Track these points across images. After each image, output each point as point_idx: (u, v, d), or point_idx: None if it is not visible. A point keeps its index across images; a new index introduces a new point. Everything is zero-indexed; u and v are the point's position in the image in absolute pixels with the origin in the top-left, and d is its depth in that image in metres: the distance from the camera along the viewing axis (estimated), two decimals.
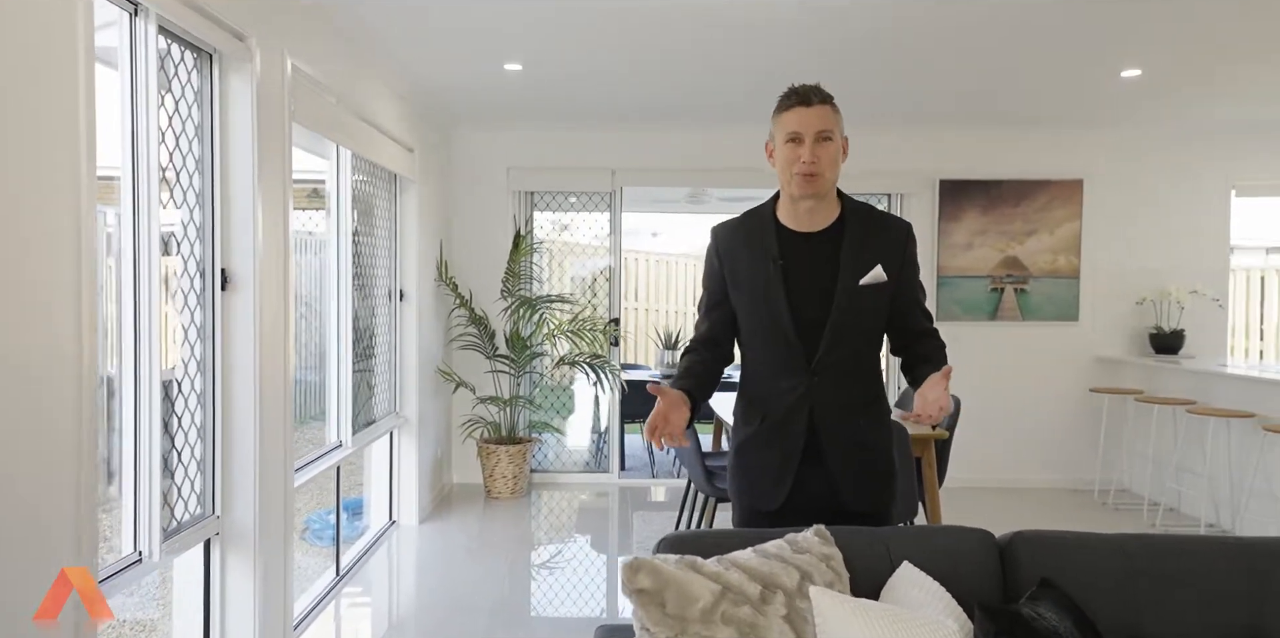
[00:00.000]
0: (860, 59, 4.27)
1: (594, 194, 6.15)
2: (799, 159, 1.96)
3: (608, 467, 6.27)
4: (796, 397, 2.01)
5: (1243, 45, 3.97)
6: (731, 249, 2.11)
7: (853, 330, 2.01)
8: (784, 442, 2.03)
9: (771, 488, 2.03)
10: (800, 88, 2.02)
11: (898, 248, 2.04)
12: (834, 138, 1.98)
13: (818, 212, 2.03)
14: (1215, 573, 1.76)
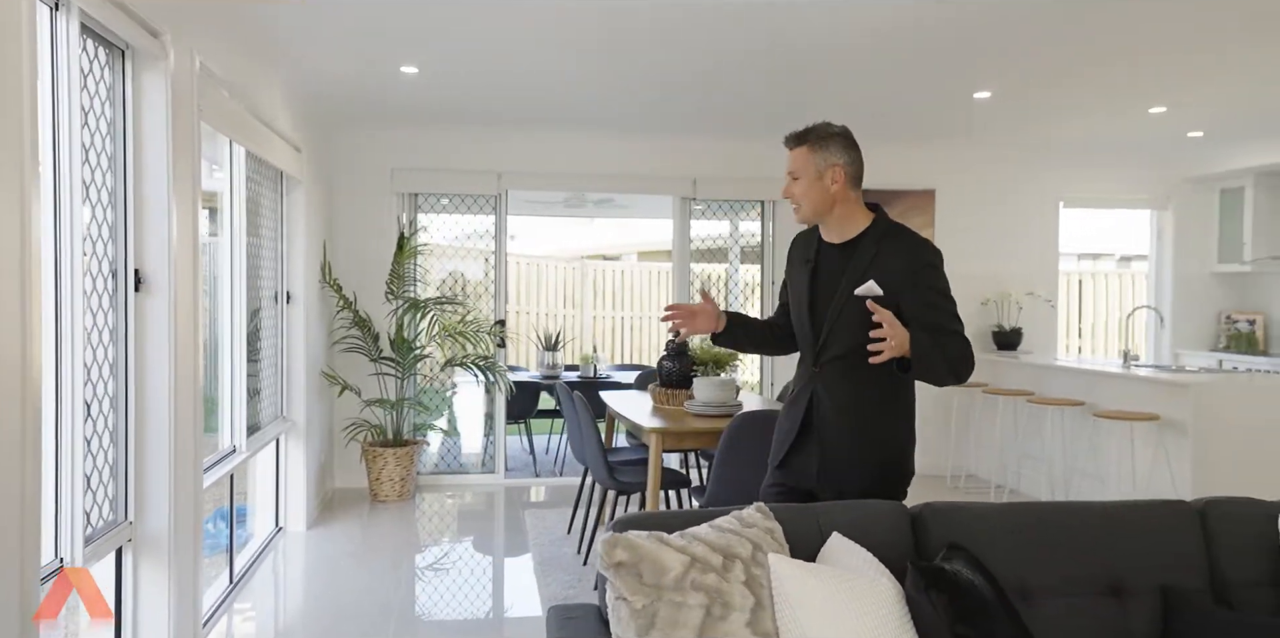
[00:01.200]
0: (738, 74, 4.55)
1: (479, 197, 6.19)
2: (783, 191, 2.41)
3: (493, 467, 6.32)
4: (805, 382, 2.40)
5: (1076, 73, 4.49)
6: (792, 254, 2.52)
7: (847, 332, 2.27)
8: (790, 417, 2.42)
9: (778, 446, 2.45)
10: (788, 136, 2.43)
11: (904, 267, 2.24)
12: (801, 177, 2.35)
13: (845, 228, 2.35)
14: (1083, 533, 2.07)
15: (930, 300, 2.25)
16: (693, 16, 3.59)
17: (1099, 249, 11.23)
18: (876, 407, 2.32)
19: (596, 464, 4.00)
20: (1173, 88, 4.76)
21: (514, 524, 5.23)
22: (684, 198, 6.36)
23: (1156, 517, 2.11)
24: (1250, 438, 4.53)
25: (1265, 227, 6.49)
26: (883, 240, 2.30)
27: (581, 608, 2.05)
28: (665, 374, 4.42)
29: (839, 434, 2.32)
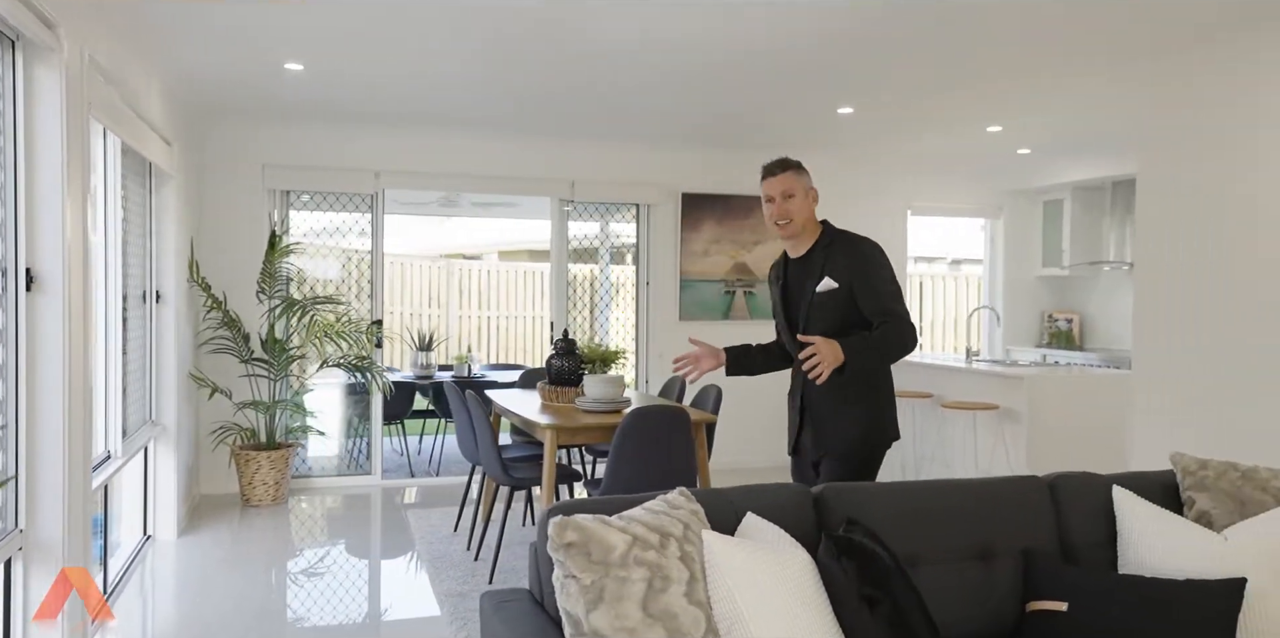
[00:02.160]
0: (616, 81, 4.73)
1: (355, 195, 6.11)
2: (772, 213, 2.82)
3: (369, 469, 6.25)
4: (797, 375, 2.88)
5: (928, 94, 4.92)
6: (771, 279, 3.02)
7: (818, 328, 2.73)
8: (792, 407, 2.94)
9: (790, 436, 2.95)
10: (769, 164, 2.87)
11: (848, 263, 2.74)
12: (795, 194, 2.80)
13: (799, 245, 2.86)
14: (957, 507, 2.35)
15: (874, 287, 2.70)
16: (572, 23, 3.72)
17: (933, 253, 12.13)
18: (851, 388, 2.73)
19: (491, 461, 4.08)
20: (1008, 109, 5.29)
21: (397, 525, 5.21)
22: (562, 200, 6.49)
23: (1016, 491, 2.43)
24: (1073, 422, 5.10)
25: (1081, 235, 7.25)
26: (830, 246, 2.79)
27: (513, 593, 2.17)
28: (555, 372, 4.54)
29: (825, 414, 2.80)
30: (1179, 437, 3.96)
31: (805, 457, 2.92)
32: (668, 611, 1.75)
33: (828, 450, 2.83)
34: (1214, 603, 2.04)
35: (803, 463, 2.95)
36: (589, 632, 1.72)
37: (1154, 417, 4.13)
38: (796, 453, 2.95)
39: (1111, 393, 5.15)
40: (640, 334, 6.76)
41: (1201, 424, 3.87)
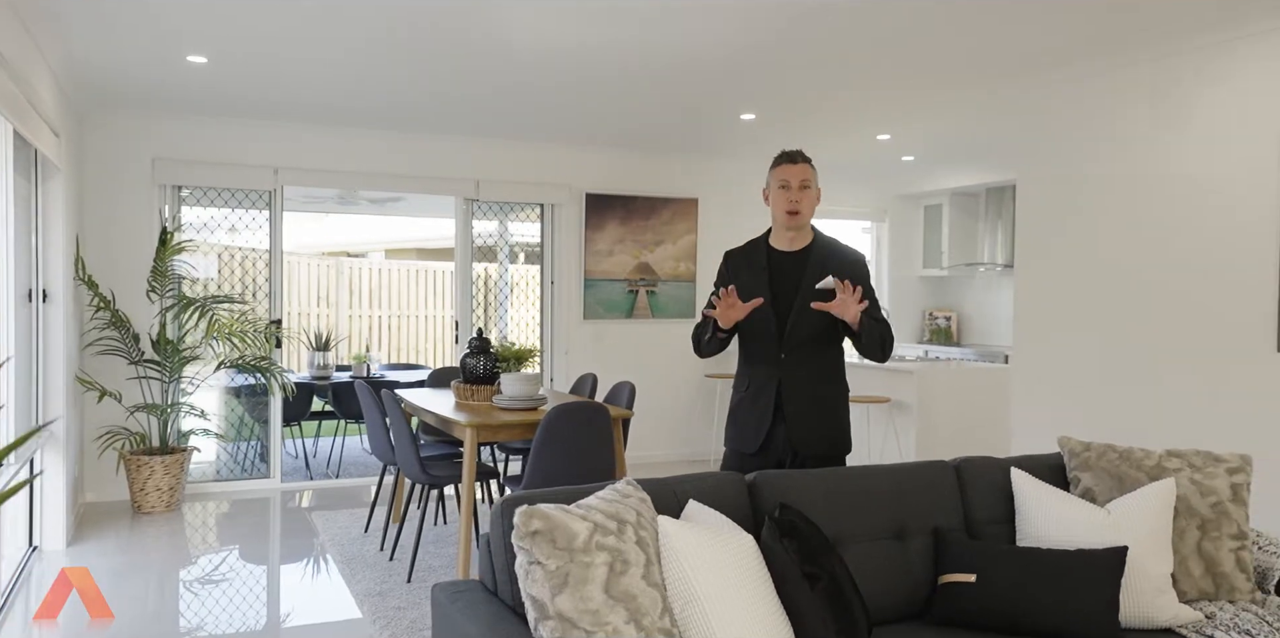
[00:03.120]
0: (525, 83, 4.80)
1: (252, 191, 5.94)
2: (788, 200, 2.79)
3: (268, 472, 6.09)
4: (770, 372, 2.81)
5: (824, 102, 5.18)
6: (737, 265, 2.92)
7: (808, 325, 2.77)
8: (760, 404, 2.83)
9: (753, 436, 2.85)
10: (789, 151, 2.85)
11: (850, 271, 2.82)
12: (811, 187, 2.82)
13: (798, 238, 2.86)
14: (876, 490, 2.55)
15: (869, 295, 2.81)
16: (479, 24, 3.76)
17: None
18: (830, 387, 2.84)
19: (409, 460, 4.08)
20: (896, 119, 5.62)
21: (303, 528, 5.11)
22: (467, 199, 6.49)
23: (926, 474, 2.64)
24: (958, 412, 5.47)
25: (958, 238, 7.73)
26: (830, 249, 2.87)
27: (465, 584, 2.22)
28: (469, 371, 4.56)
29: (807, 412, 2.81)
30: (1056, 423, 4.33)
31: (772, 455, 2.85)
32: (628, 592, 1.85)
33: (811, 449, 2.82)
34: (1101, 569, 2.29)
35: (767, 462, 2.86)
36: (554, 615, 1.81)
37: (1032, 405, 4.48)
38: (761, 451, 2.85)
39: (992, 385, 5.55)
40: (545, 333, 6.82)
41: (1076, 411, 4.24)
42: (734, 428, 2.92)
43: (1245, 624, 2.28)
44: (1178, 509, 2.50)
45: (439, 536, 4.86)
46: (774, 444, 2.85)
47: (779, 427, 2.83)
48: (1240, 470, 2.57)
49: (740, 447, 2.89)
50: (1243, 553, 2.47)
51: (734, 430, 2.92)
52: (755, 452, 2.85)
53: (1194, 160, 3.69)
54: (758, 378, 2.85)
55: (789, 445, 2.83)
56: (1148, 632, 2.31)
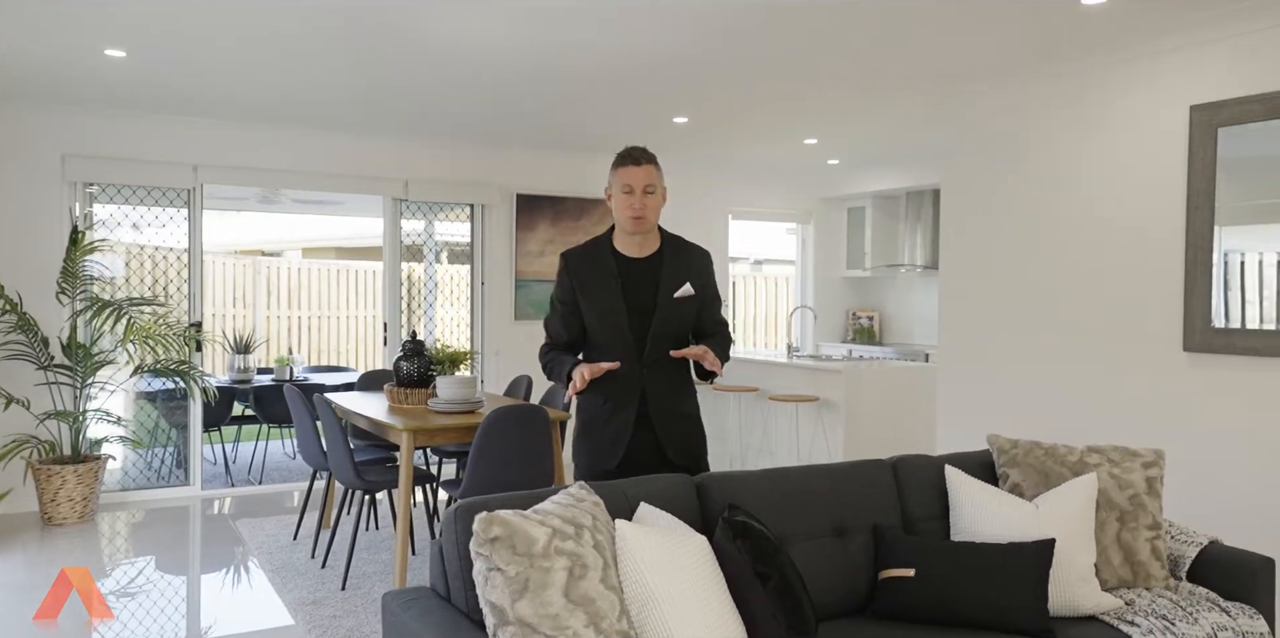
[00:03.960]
0: (456, 85, 4.76)
1: (170, 190, 5.73)
2: (631, 205, 2.57)
3: (188, 480, 5.90)
4: (632, 382, 2.65)
5: (754, 107, 5.28)
6: (580, 270, 2.67)
7: (669, 331, 2.66)
8: (621, 416, 2.66)
9: (611, 450, 2.67)
10: (633, 150, 2.60)
11: (702, 269, 2.70)
12: (655, 191, 2.60)
13: (645, 243, 2.67)
14: (818, 489, 2.62)
15: (715, 296, 2.77)
16: (408, 22, 3.72)
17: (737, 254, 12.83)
18: (688, 395, 2.77)
19: (344, 466, 4.01)
20: (826, 124, 5.75)
21: (228, 536, 4.96)
22: (396, 198, 6.39)
23: (865, 473, 2.72)
24: (884, 410, 5.63)
25: (881, 240, 7.95)
26: (679, 251, 2.71)
27: (417, 591, 2.21)
28: (403, 374, 4.50)
29: (672, 421, 2.70)
30: (979, 420, 4.50)
31: (632, 470, 2.67)
32: (586, 596, 1.87)
33: (682, 459, 2.72)
34: (1031, 560, 2.40)
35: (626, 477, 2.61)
36: (515, 621, 1.82)
37: (956, 402, 4.65)
38: (621, 466, 2.66)
39: (916, 383, 5.73)
40: (476, 334, 6.77)
41: (998, 408, 4.42)
42: (589, 444, 2.70)
43: (1161, 610, 2.42)
44: (1099, 502, 2.64)
45: (371, 541, 4.78)
46: (637, 458, 2.67)
47: (644, 439, 2.67)
48: (1154, 465, 2.72)
49: (597, 464, 2.68)
50: (1157, 542, 2.62)
51: (589, 447, 2.70)
52: (615, 467, 2.66)
53: (1105, 167, 3.88)
54: (616, 392, 2.65)
55: (656, 457, 2.69)
56: (1074, 620, 2.44)
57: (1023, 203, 4.28)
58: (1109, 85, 3.87)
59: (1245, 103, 3.30)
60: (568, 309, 2.70)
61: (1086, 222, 3.97)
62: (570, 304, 2.69)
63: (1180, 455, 3.54)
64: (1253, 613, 2.46)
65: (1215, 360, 3.44)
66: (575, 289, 2.67)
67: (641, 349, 2.65)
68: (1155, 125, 3.67)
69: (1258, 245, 3.30)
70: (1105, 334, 3.88)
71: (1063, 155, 4.08)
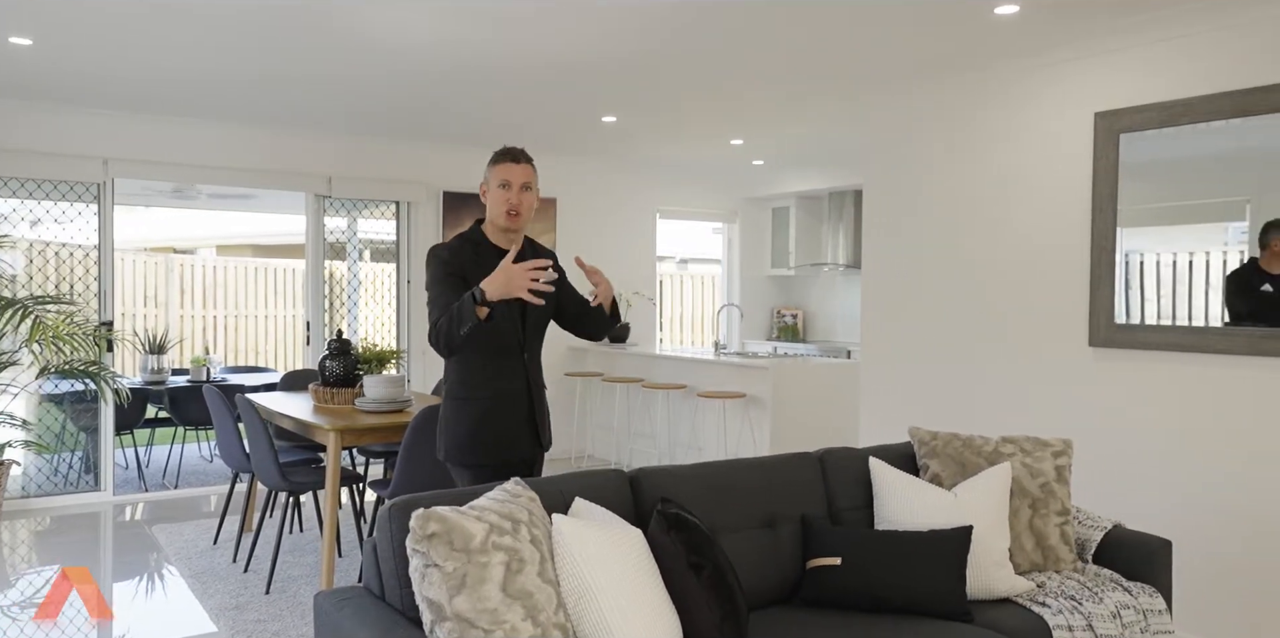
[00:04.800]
0: (382, 81, 4.71)
1: (78, 184, 5.51)
2: (508, 200, 2.64)
3: (98, 485, 5.68)
4: (518, 372, 2.71)
5: (681, 108, 5.34)
6: (463, 262, 2.65)
7: (539, 320, 2.78)
8: (513, 407, 2.71)
9: (510, 444, 2.71)
10: (512, 149, 2.68)
11: (557, 265, 2.77)
12: (532, 188, 2.69)
13: (516, 239, 2.74)
14: (749, 482, 2.68)
15: (576, 290, 2.92)
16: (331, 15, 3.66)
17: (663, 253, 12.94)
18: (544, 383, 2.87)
19: (268, 468, 3.92)
20: (752, 125, 5.85)
21: (144, 543, 4.80)
22: (318, 195, 6.26)
23: (793, 466, 2.80)
24: (809, 406, 5.76)
25: (804, 239, 8.12)
26: (538, 249, 2.85)
27: (350, 590, 2.19)
28: (329, 373, 4.42)
29: (545, 410, 2.83)
30: (900, 413, 4.64)
31: (520, 463, 2.73)
32: (524, 590, 1.89)
33: (549, 442, 2.84)
34: (950, 546, 2.51)
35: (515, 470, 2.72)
36: (452, 616, 1.82)
37: (878, 396, 4.80)
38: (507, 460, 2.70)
39: (839, 379, 5.88)
40: (402, 333, 6.68)
41: (917, 402, 4.57)
42: (484, 439, 2.67)
43: (1070, 591, 2.55)
44: (1012, 490, 2.77)
45: (295, 544, 4.69)
46: (522, 451, 2.73)
47: (530, 428, 2.74)
48: (1063, 454, 2.87)
49: (492, 458, 2.68)
50: (1066, 528, 2.76)
51: (484, 442, 2.67)
52: (501, 462, 2.68)
53: (1016, 171, 4.06)
54: (504, 381, 2.68)
55: (534, 448, 2.77)
56: (990, 602, 2.55)
57: (940, 205, 4.44)
58: (1019, 91, 4.04)
59: (1144, 110, 3.49)
60: (455, 284, 2.58)
61: (999, 223, 4.14)
62: (458, 279, 2.59)
63: (1088, 445, 3.73)
64: (1152, 592, 2.62)
65: (1118, 355, 3.63)
66: (466, 282, 2.58)
67: (524, 341, 2.74)
68: (1062, 131, 3.85)
69: (1156, 246, 3.49)
70: (1018, 330, 4.05)
71: (976, 159, 4.24)
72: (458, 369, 2.71)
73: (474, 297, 2.42)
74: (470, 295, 2.43)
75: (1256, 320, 3.19)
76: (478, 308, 2.42)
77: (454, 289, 2.57)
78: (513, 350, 2.71)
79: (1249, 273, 3.23)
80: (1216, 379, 3.31)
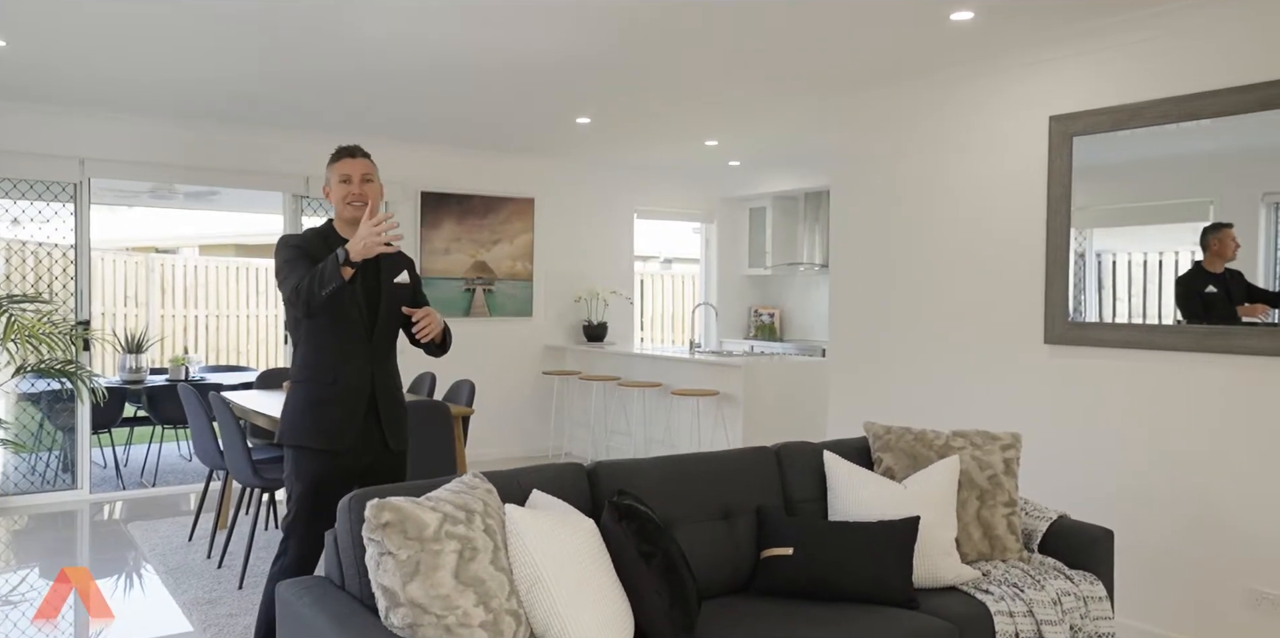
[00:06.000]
0: (362, 81, 4.76)
1: (54, 183, 5.54)
2: (351, 192, 2.74)
3: (75, 483, 5.71)
4: (362, 363, 2.74)
5: (656, 109, 5.42)
6: (313, 248, 2.71)
7: (390, 314, 2.79)
8: (354, 399, 2.74)
9: (340, 432, 2.72)
10: (349, 146, 2.82)
11: (410, 263, 2.91)
12: (373, 180, 2.79)
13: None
14: (706, 475, 2.76)
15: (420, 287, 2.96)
16: (312, 14, 3.73)
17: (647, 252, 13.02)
18: (399, 384, 2.91)
19: (240, 464, 3.97)
20: (725, 126, 5.93)
21: (119, 540, 4.84)
22: (296, 195, 6.30)
23: (750, 459, 2.88)
24: (781, 403, 5.85)
25: (781, 239, 8.21)
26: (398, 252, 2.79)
27: (312, 579, 2.26)
28: None
29: (395, 401, 2.83)
30: (866, 409, 4.73)
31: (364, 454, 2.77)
32: (476, 577, 1.96)
33: (401, 446, 2.85)
34: (898, 536, 2.59)
35: (358, 461, 2.76)
36: (406, 602, 1.89)
37: (846, 393, 4.88)
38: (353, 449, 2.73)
39: (811, 377, 5.97)
40: None
41: (882, 398, 4.66)
42: (317, 422, 2.71)
43: (1013, 579, 2.64)
44: (961, 482, 2.86)
45: (270, 540, 4.73)
46: (366, 442, 2.76)
47: (370, 425, 2.76)
48: (1012, 447, 2.96)
49: (329, 445, 2.71)
50: (1013, 518, 2.85)
51: (317, 425, 2.71)
52: (348, 450, 2.73)
53: (975, 172, 4.15)
54: (347, 371, 2.72)
55: (380, 443, 2.79)
56: (936, 590, 2.64)
57: (903, 206, 4.53)
58: (977, 95, 4.14)
59: (1096, 114, 3.59)
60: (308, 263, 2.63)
61: (959, 223, 4.24)
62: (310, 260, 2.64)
63: (1042, 439, 3.82)
64: (1093, 580, 2.71)
65: (1072, 351, 3.73)
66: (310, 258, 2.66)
67: (371, 333, 2.75)
68: (1019, 134, 3.94)
69: (1128, 246, 3.57)
70: (978, 328, 4.14)
71: (937, 161, 4.34)
72: (304, 354, 2.76)
73: (338, 257, 2.49)
74: (334, 256, 2.50)
75: (1208, 321, 3.28)
76: (342, 267, 2.48)
77: (309, 264, 2.63)
78: (360, 340, 2.73)
79: (1193, 276, 3.33)
80: (1164, 374, 3.41)
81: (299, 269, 2.62)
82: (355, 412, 2.72)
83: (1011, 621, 2.49)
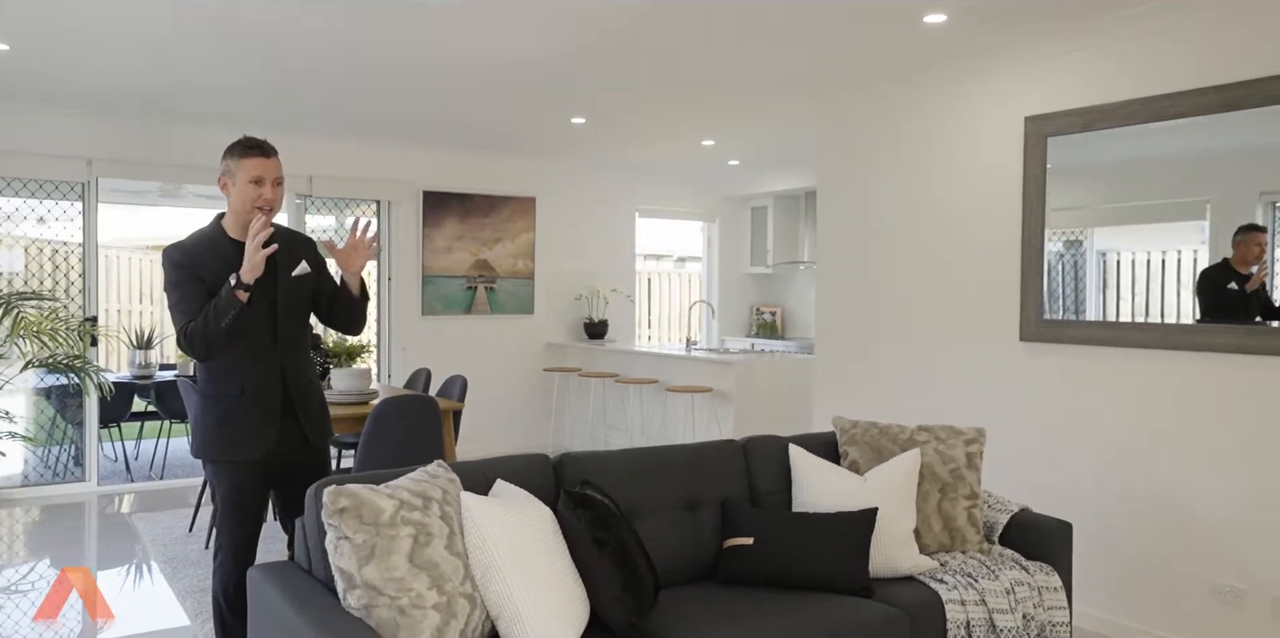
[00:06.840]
0: (354, 78, 4.87)
1: (63, 183, 5.69)
2: (263, 196, 2.60)
3: (84, 476, 5.86)
4: (270, 366, 2.65)
5: (652, 109, 5.49)
6: (197, 263, 2.60)
7: (294, 310, 2.71)
8: (266, 403, 2.64)
9: (257, 441, 2.64)
10: (259, 142, 2.67)
11: (311, 252, 2.78)
12: (282, 182, 2.68)
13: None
14: (673, 467, 2.84)
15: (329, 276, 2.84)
16: (306, 17, 3.84)
17: (661, 252, 13.09)
18: (314, 375, 2.84)
19: None
20: (720, 126, 5.99)
21: (122, 532, 4.98)
22: (300, 194, 6.43)
23: (718, 452, 2.95)
24: (772, 399, 5.91)
25: (782, 238, 8.26)
26: (288, 236, 2.74)
27: (280, 564, 2.36)
28: None
29: (311, 395, 2.75)
30: (848, 404, 4.79)
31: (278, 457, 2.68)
32: (431, 561, 2.05)
33: (322, 440, 2.79)
34: (856, 527, 2.66)
35: (272, 465, 2.68)
36: (361, 584, 1.98)
37: (830, 389, 4.94)
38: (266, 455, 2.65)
39: (802, 373, 6.02)
40: (382, 329, 6.85)
41: (864, 394, 4.72)
42: (230, 435, 2.63)
43: (969, 568, 2.70)
44: (923, 475, 2.92)
45: (268, 532, 4.84)
46: (282, 445, 2.68)
47: (288, 423, 2.68)
48: (975, 441, 3.01)
49: (247, 456, 2.64)
50: (974, 510, 2.91)
51: (230, 438, 2.63)
52: (260, 457, 2.65)
53: (953, 172, 4.19)
54: (255, 376, 2.63)
55: (299, 438, 2.72)
56: (893, 580, 2.70)
57: (885, 204, 4.58)
58: (954, 96, 4.18)
59: (1068, 115, 3.63)
60: (201, 301, 2.55)
61: (939, 222, 4.28)
62: (203, 296, 2.56)
63: (1015, 433, 3.87)
64: (1049, 571, 2.77)
65: (1046, 349, 3.77)
66: (200, 274, 2.58)
67: (275, 330, 2.66)
68: (995, 134, 3.99)
69: (1113, 245, 3.59)
70: (957, 326, 4.19)
71: (917, 160, 4.38)
72: (207, 366, 2.65)
73: (230, 286, 2.47)
74: (227, 284, 2.48)
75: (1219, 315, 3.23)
76: (236, 292, 2.46)
77: (193, 290, 2.57)
78: (264, 342, 2.64)
79: (1218, 270, 3.23)
80: (1130, 371, 3.45)
81: (185, 298, 2.55)
82: (271, 414, 2.64)
83: (963, 609, 2.55)
